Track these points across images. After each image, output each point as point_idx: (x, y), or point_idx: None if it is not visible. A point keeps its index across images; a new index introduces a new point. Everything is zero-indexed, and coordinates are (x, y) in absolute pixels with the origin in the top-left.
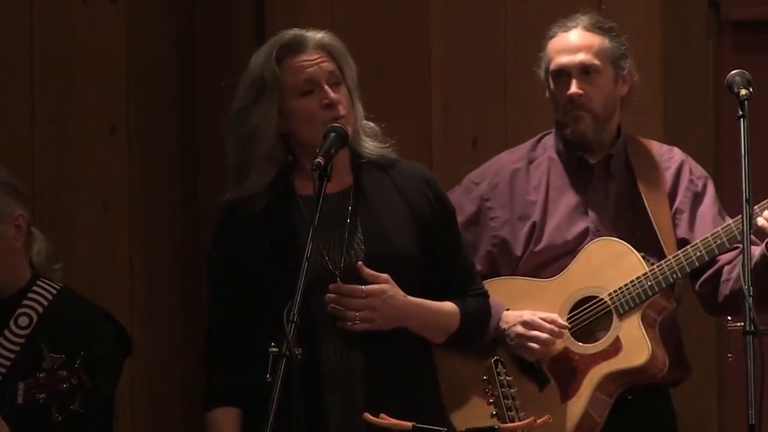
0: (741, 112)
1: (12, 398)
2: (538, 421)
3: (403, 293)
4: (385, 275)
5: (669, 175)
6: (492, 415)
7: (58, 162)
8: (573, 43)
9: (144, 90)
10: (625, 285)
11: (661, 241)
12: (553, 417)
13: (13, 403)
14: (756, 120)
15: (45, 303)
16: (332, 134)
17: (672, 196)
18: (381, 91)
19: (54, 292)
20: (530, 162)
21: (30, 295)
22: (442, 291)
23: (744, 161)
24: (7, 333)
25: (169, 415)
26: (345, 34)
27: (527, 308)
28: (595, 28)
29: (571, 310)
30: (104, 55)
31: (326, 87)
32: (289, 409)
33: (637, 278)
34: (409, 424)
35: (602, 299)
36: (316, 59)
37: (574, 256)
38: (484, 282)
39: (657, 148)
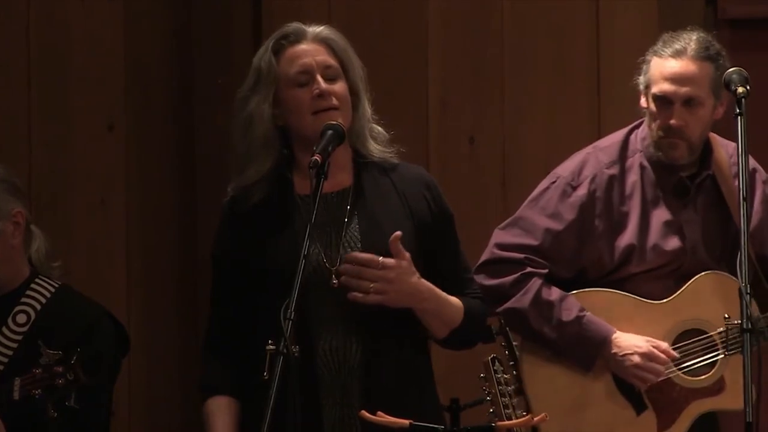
0: (738, 110)
1: (8, 394)
2: (535, 419)
3: (419, 274)
4: (407, 254)
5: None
6: (489, 413)
7: (56, 159)
8: (680, 73)
9: (141, 87)
10: (737, 326)
11: (753, 258)
12: None
13: (9, 399)
14: (753, 118)
15: (43, 300)
16: (329, 132)
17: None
18: (378, 89)
19: (52, 289)
20: (623, 165)
21: (28, 292)
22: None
23: (741, 159)
24: (5, 330)
25: (165, 414)
26: (342, 32)
27: (630, 329)
28: (703, 56)
29: (675, 340)
30: (101, 53)
31: (319, 78)
32: (285, 406)
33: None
34: (406, 421)
35: (711, 336)
36: (312, 50)
37: (672, 273)
38: (580, 291)
39: (728, 149)
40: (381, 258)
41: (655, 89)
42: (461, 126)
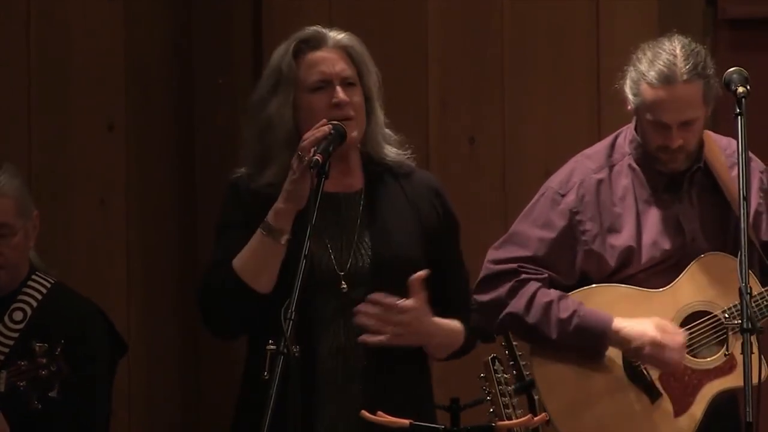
0: (738, 110)
1: None
2: (535, 418)
3: (431, 313)
4: (424, 294)
5: (734, 176)
6: (489, 413)
7: (56, 159)
8: (674, 100)
9: (141, 87)
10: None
11: (756, 244)
12: (665, 431)
13: None
14: (753, 118)
15: (39, 297)
16: (330, 132)
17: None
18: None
19: (48, 285)
20: (611, 169)
21: (25, 289)
22: (441, 303)
23: (741, 159)
24: (1, 328)
25: (165, 414)
26: None
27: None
28: (693, 75)
29: (682, 323)
30: (101, 53)
31: (338, 88)
32: (286, 406)
33: (752, 298)
34: (406, 421)
35: (716, 315)
36: (332, 58)
37: (675, 266)
38: (580, 290)
39: (720, 143)
40: (400, 302)
41: (650, 117)
42: (461, 126)
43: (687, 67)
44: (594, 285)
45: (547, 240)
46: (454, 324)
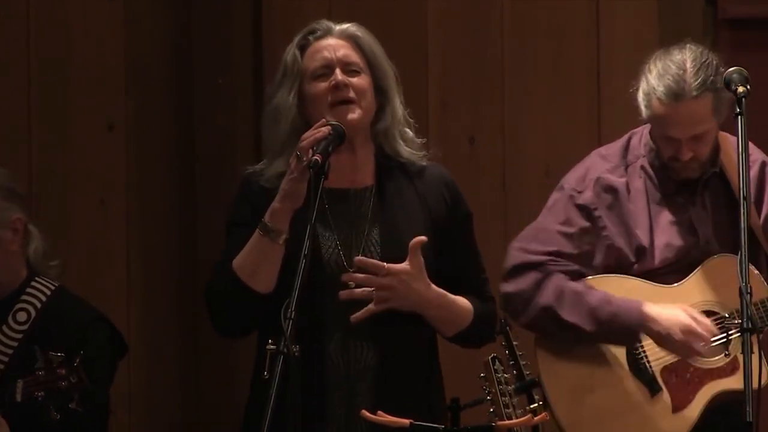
0: (738, 110)
1: (10, 395)
2: (535, 418)
3: (428, 281)
4: (420, 260)
5: (751, 178)
6: (489, 413)
7: (56, 159)
8: (685, 117)
9: (141, 87)
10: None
11: (764, 248)
12: (662, 426)
13: (12, 401)
14: (753, 118)
15: (43, 298)
16: (330, 133)
17: (758, 201)
18: None
19: (52, 287)
20: (625, 169)
21: (28, 290)
22: (454, 290)
23: (741, 158)
24: (5, 329)
25: (165, 414)
26: None
27: None
28: (702, 90)
29: None
30: (101, 53)
31: (337, 70)
32: (286, 405)
33: (762, 302)
34: (406, 421)
35: (723, 316)
36: (335, 44)
37: (689, 266)
38: (593, 278)
39: (733, 146)
40: (387, 265)
41: (659, 131)
42: (461, 126)
43: (696, 82)
44: (604, 275)
45: (569, 235)
46: (461, 301)
